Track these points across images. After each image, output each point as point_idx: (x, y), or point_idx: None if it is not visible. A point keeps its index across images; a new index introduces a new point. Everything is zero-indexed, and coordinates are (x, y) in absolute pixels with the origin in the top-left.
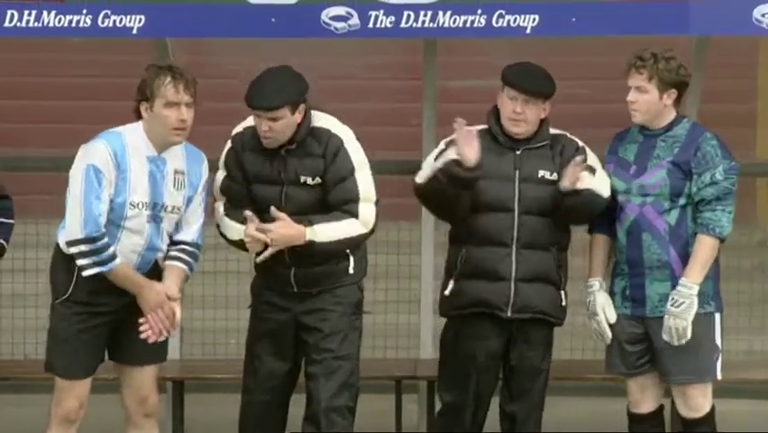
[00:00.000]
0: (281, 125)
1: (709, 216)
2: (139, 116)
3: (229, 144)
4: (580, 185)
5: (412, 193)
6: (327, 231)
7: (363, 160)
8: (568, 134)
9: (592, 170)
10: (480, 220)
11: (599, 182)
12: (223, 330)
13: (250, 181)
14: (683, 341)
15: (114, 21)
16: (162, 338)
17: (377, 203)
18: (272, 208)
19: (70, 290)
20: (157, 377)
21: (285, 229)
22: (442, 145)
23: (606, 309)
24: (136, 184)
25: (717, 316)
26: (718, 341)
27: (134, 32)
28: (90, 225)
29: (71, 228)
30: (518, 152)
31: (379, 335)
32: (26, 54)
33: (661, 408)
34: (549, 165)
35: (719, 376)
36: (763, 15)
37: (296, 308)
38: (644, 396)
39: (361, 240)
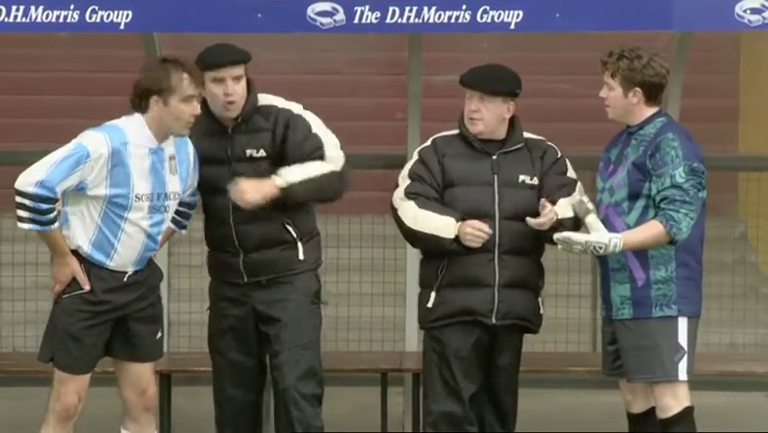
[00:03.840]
0: (242, 88)
1: (672, 215)
2: (138, 109)
3: None
4: (563, 214)
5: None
6: (295, 172)
7: (319, 121)
8: (546, 140)
9: (565, 188)
10: None
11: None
12: None
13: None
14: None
15: (102, 16)
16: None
17: (341, 148)
18: (236, 180)
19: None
20: (153, 370)
21: (253, 183)
22: (415, 156)
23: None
24: (139, 178)
25: (683, 320)
26: (683, 342)
27: (122, 27)
28: (43, 189)
29: (27, 176)
30: (494, 157)
31: (365, 328)
32: (13, 49)
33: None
34: (528, 169)
35: (682, 377)
36: (744, 11)
37: (252, 299)
38: (635, 397)
39: (334, 180)
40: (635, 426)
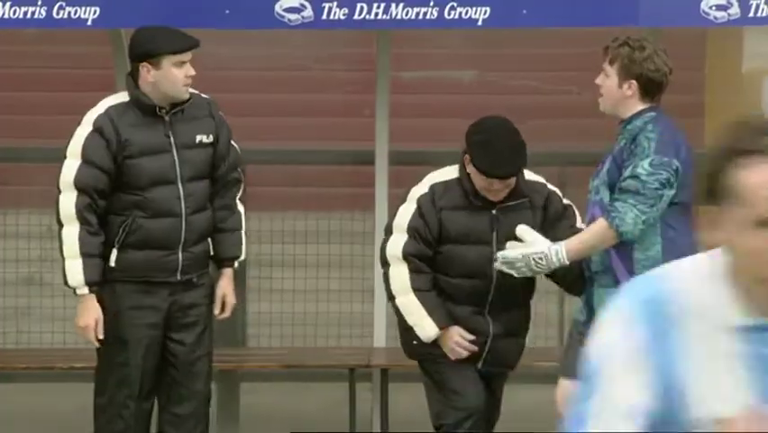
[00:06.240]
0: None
1: (617, 207)
2: None
3: (90, 128)
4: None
5: (365, 183)
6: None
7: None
8: (546, 184)
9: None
10: (455, 284)
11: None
12: None
13: (121, 164)
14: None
15: (69, 12)
16: None
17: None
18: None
19: None
20: None
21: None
22: (413, 203)
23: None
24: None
25: None
26: None
27: (89, 23)
28: None
29: None
30: (494, 212)
31: (333, 324)
32: None
33: None
34: (529, 223)
35: None
36: (710, 7)
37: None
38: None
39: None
40: None
